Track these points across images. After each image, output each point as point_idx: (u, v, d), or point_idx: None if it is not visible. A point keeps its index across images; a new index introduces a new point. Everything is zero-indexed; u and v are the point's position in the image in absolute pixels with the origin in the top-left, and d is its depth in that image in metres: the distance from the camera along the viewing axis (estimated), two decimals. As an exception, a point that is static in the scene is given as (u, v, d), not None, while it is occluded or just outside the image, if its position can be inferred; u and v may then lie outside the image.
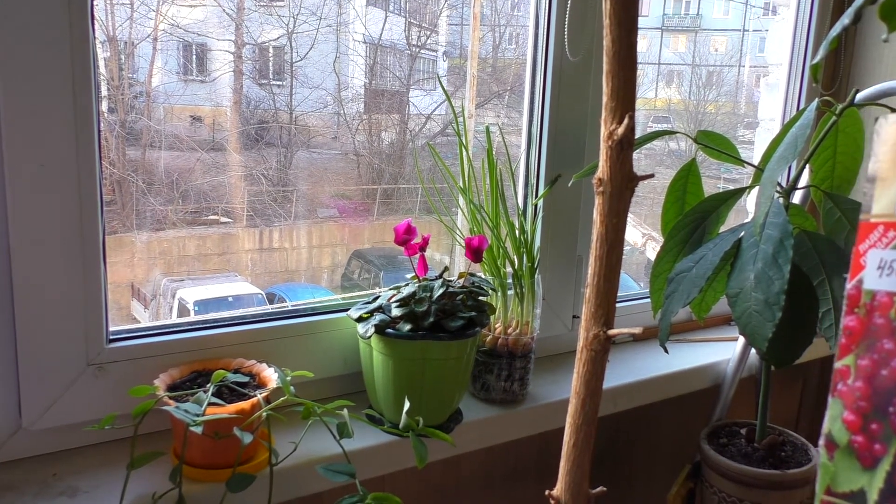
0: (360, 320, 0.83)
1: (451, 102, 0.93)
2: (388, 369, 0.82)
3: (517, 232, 0.93)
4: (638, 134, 0.63)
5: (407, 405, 0.75)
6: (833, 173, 0.93)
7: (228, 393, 0.75)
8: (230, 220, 1.35)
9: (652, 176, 0.63)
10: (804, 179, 0.96)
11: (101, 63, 1.02)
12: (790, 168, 1.19)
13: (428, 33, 1.51)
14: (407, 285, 0.86)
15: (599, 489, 0.71)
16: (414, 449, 0.71)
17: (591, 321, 0.65)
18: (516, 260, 0.93)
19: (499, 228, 0.92)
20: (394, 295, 0.85)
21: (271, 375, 0.78)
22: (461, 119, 0.90)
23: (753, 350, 1.12)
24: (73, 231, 0.73)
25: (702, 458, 1.01)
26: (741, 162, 0.94)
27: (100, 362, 0.76)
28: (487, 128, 0.91)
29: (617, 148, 0.61)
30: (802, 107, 1.24)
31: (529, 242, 0.94)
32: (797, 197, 1.07)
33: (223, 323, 0.86)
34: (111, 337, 0.78)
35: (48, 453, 0.77)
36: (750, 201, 1.25)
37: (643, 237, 1.76)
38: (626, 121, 0.59)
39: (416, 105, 1.49)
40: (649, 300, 0.91)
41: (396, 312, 0.82)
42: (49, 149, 0.70)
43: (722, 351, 1.21)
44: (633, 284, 1.64)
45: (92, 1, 0.71)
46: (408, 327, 0.81)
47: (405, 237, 0.87)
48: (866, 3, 0.61)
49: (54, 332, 0.73)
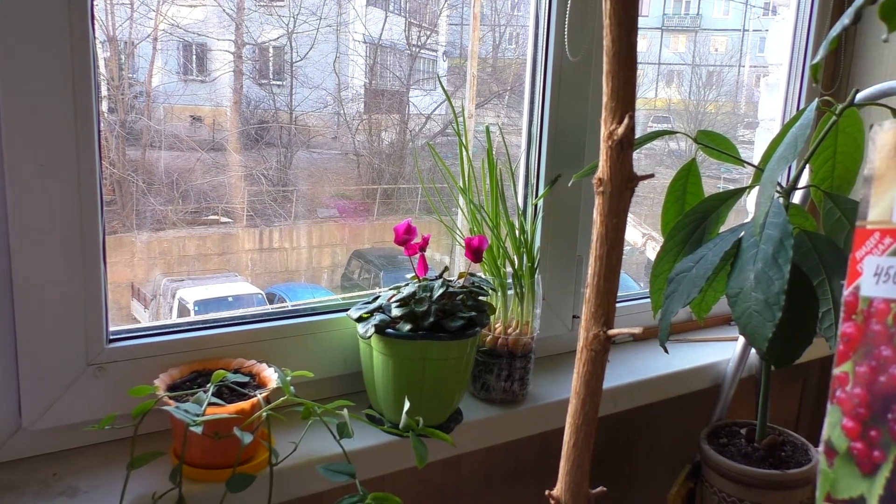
0: (360, 320, 0.83)
1: (451, 102, 0.93)
2: (388, 369, 0.82)
3: (517, 232, 0.93)
4: (638, 134, 0.63)
5: (407, 405, 0.75)
6: (833, 173, 0.93)
7: (228, 393, 0.75)
8: (230, 220, 1.35)
9: (652, 176, 0.63)
10: (804, 179, 0.96)
11: (101, 63, 1.02)
12: (790, 168, 1.19)
13: (428, 33, 1.51)
14: (407, 285, 0.86)
15: (599, 489, 0.71)
16: (414, 449, 0.71)
17: (591, 321, 0.65)
18: (516, 260, 0.93)
19: (499, 228, 0.92)
20: (394, 295, 0.85)
21: (271, 375, 0.78)
22: (461, 119, 0.90)
23: (753, 350, 1.12)
24: (73, 231, 0.73)
25: (702, 458, 1.01)
26: (741, 162, 0.94)
27: (100, 362, 0.76)
28: (487, 128, 0.91)
29: (617, 148, 0.61)
30: (802, 107, 1.23)
31: (529, 242, 0.94)
32: (797, 197, 1.07)
33: (223, 323, 0.86)
34: (111, 337, 0.78)
35: (48, 453, 0.77)
36: (750, 201, 1.25)
37: (643, 237, 1.76)
38: (626, 121, 0.59)
39: (416, 105, 1.49)
40: (649, 300, 0.91)
41: (396, 312, 0.82)
42: (49, 149, 0.70)
43: (722, 351, 1.21)
44: (633, 284, 1.64)
45: (92, 1, 0.71)
46: (408, 327, 0.81)
47: (405, 237, 0.87)
48: (866, 3, 0.61)
49: (54, 332, 0.73)
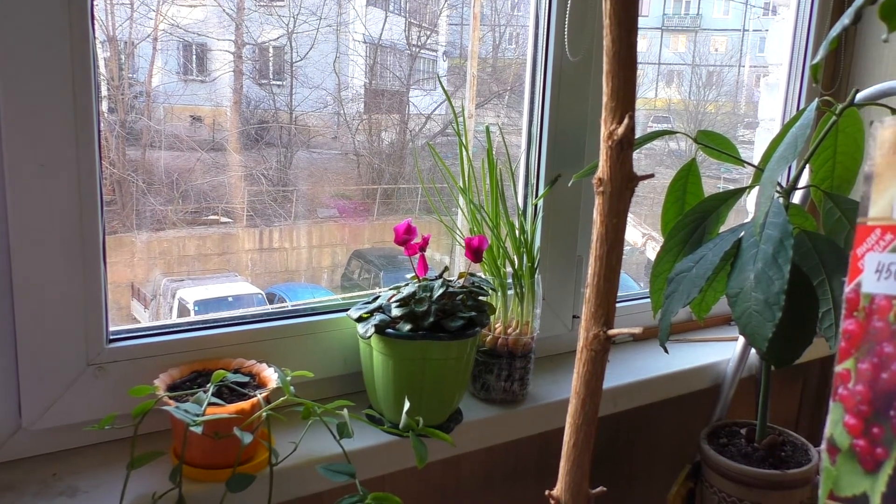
0: (360, 320, 0.83)
1: (451, 102, 0.93)
2: (388, 369, 0.82)
3: (517, 232, 0.93)
4: (638, 134, 0.63)
5: (407, 405, 0.75)
6: (833, 173, 0.93)
7: (228, 393, 0.75)
8: (230, 220, 1.35)
9: (652, 176, 0.63)
10: (804, 179, 0.96)
11: (101, 63, 1.02)
12: (790, 168, 1.19)
13: (428, 33, 1.51)
14: (407, 285, 0.86)
15: (599, 489, 0.71)
16: (414, 449, 0.71)
17: (591, 321, 0.65)
18: (516, 260, 0.93)
19: (499, 228, 0.92)
20: (394, 295, 0.85)
21: (271, 375, 0.78)
22: (461, 119, 0.90)
23: (753, 350, 1.12)
24: (73, 231, 0.73)
25: (702, 458, 1.01)
26: (741, 162, 0.94)
27: (100, 362, 0.76)
28: (487, 128, 0.91)
29: (617, 148, 0.61)
30: (802, 107, 1.23)
31: (529, 242, 0.94)
32: (797, 197, 1.07)
33: (223, 323, 0.86)
34: (111, 337, 0.78)
35: (48, 453, 0.77)
36: (750, 201, 1.25)
37: (643, 237, 1.76)
38: (626, 121, 0.59)
39: (416, 105, 1.49)
40: (649, 300, 0.91)
41: (396, 312, 0.82)
42: (49, 149, 0.70)
43: (722, 351, 1.21)
44: (633, 284, 1.64)
45: (92, 1, 0.71)
46: (408, 327, 0.81)
47: (405, 237, 0.87)
48: (866, 3, 0.61)
49: (54, 332, 0.73)
